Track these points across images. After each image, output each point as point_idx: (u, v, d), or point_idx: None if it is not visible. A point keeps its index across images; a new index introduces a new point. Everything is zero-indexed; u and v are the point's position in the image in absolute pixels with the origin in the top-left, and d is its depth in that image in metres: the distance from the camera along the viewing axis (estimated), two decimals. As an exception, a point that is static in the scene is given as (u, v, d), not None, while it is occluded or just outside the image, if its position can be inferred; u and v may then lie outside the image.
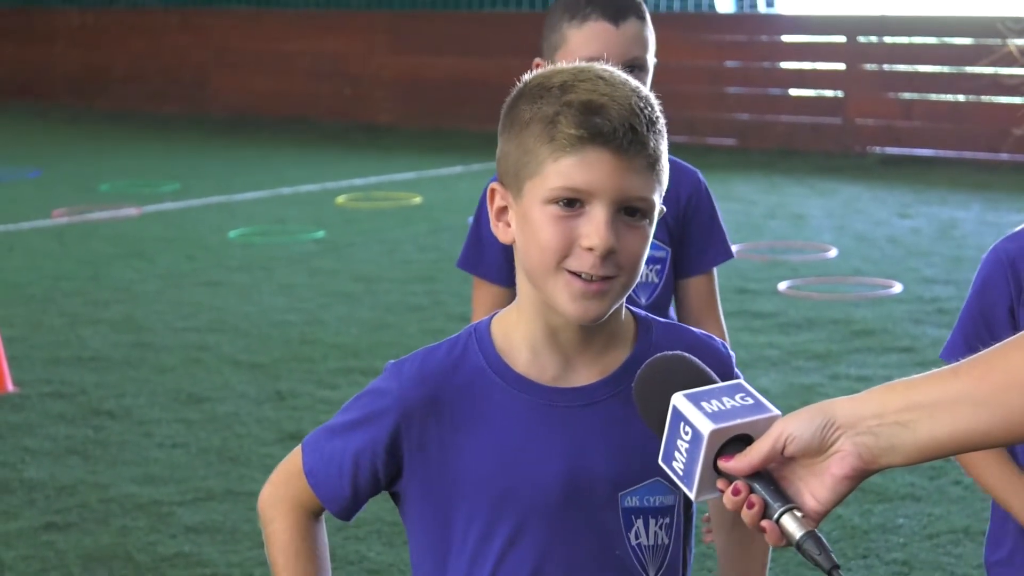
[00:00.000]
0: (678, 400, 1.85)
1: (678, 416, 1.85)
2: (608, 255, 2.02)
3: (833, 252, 10.35)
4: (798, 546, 1.79)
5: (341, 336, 8.13)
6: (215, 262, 10.28)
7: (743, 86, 16.08)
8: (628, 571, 2.13)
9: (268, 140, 17.42)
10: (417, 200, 12.90)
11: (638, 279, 2.10)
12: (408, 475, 2.16)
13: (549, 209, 2.04)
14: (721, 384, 1.89)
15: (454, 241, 10.92)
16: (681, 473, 1.86)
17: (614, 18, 3.30)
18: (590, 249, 2.02)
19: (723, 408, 1.84)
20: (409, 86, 18.28)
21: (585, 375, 2.13)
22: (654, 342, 2.15)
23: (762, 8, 17.11)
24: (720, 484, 1.84)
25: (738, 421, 1.83)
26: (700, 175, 3.48)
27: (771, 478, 1.82)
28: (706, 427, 1.82)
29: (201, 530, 5.38)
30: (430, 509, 2.17)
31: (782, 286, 9.19)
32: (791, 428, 1.81)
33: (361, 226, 11.69)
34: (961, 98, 14.99)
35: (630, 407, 2.08)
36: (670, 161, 3.36)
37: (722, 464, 1.83)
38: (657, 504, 2.13)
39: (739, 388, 1.87)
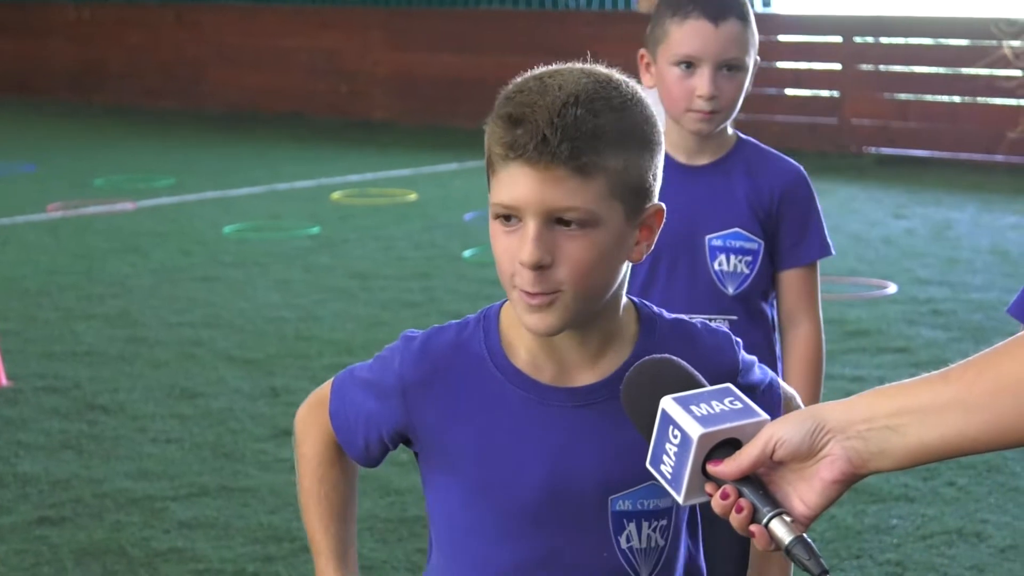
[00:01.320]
0: (667, 404, 1.85)
1: (667, 420, 1.84)
2: (539, 269, 2.00)
3: (828, 252, 10.34)
4: (787, 551, 1.78)
5: (336, 332, 8.13)
6: (210, 257, 10.27)
7: (739, 85, 16.07)
8: (617, 573, 2.12)
9: (264, 136, 17.40)
10: (412, 197, 12.89)
11: (613, 286, 2.07)
12: (415, 447, 2.20)
13: (495, 225, 2.05)
14: (710, 388, 1.88)
15: (449, 238, 10.91)
16: (669, 477, 1.85)
17: (714, 17, 3.36)
18: (523, 263, 2.01)
19: (712, 412, 1.83)
20: (405, 83, 18.27)
21: (583, 375, 2.12)
22: (657, 340, 2.14)
23: (758, 8, 17.11)
24: (708, 488, 1.84)
25: (727, 425, 1.82)
26: (801, 171, 3.52)
27: (760, 482, 1.82)
28: (695, 431, 1.81)
29: (195, 525, 5.38)
30: (427, 487, 2.20)
31: (777, 286, 9.18)
32: (781, 432, 1.80)
33: (356, 222, 11.68)
34: (957, 99, 14.99)
35: None
36: (770, 156, 3.44)
37: (711, 468, 1.82)
38: (651, 507, 2.12)
39: (728, 392, 1.87)
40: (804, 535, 1.78)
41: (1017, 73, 14.16)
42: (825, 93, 15.71)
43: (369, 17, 18.69)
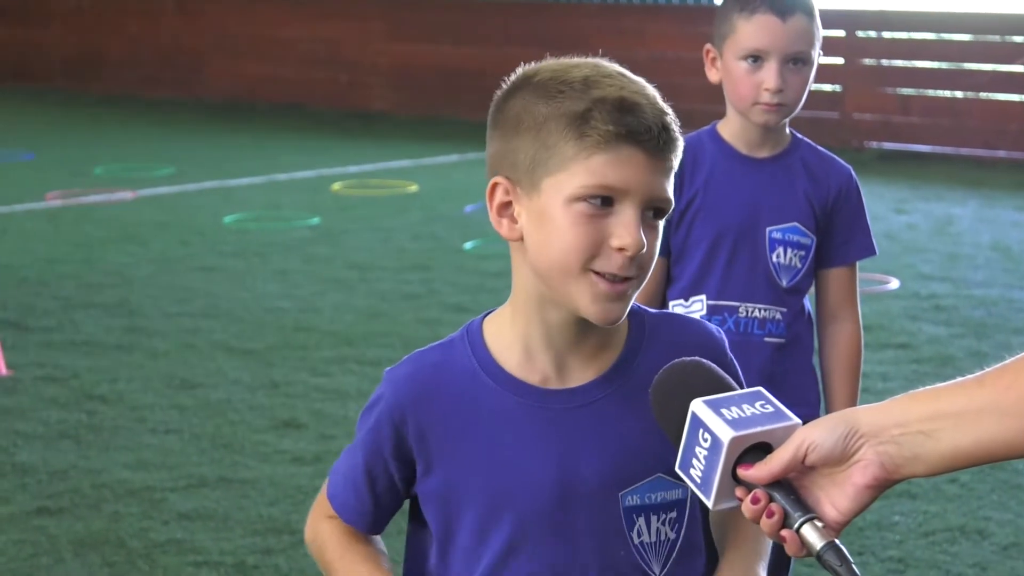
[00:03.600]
0: (697, 407, 1.82)
1: (697, 423, 1.81)
2: (637, 255, 1.98)
3: (829, 247, 10.31)
4: (819, 556, 1.75)
5: (335, 324, 8.10)
6: (209, 247, 10.24)
7: (740, 79, 16.04)
8: (633, 570, 2.09)
9: (263, 126, 17.38)
10: (412, 188, 12.86)
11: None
12: (419, 475, 2.15)
13: (576, 207, 1.99)
14: (740, 391, 1.85)
15: (449, 229, 10.89)
16: (699, 481, 1.82)
17: (782, 13, 3.44)
18: (621, 249, 1.97)
19: (743, 415, 1.80)
20: (405, 74, 18.24)
21: (579, 374, 2.09)
22: (647, 335, 2.13)
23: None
24: (739, 493, 1.81)
25: (758, 429, 1.79)
26: (852, 172, 3.64)
27: (791, 487, 1.79)
28: (726, 434, 1.78)
29: (194, 517, 5.36)
30: (434, 509, 2.15)
31: (778, 280, 9.15)
32: (813, 436, 1.78)
33: (356, 213, 11.66)
34: (959, 94, 14.97)
35: (625, 405, 2.07)
36: (825, 155, 3.54)
37: (742, 472, 1.79)
38: (659, 500, 2.09)
39: (759, 396, 1.84)
40: (836, 541, 1.76)
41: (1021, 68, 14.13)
42: (827, 87, 15.67)
43: (370, 8, 18.65)
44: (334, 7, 18.90)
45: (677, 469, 1.85)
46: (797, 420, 1.81)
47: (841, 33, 15.43)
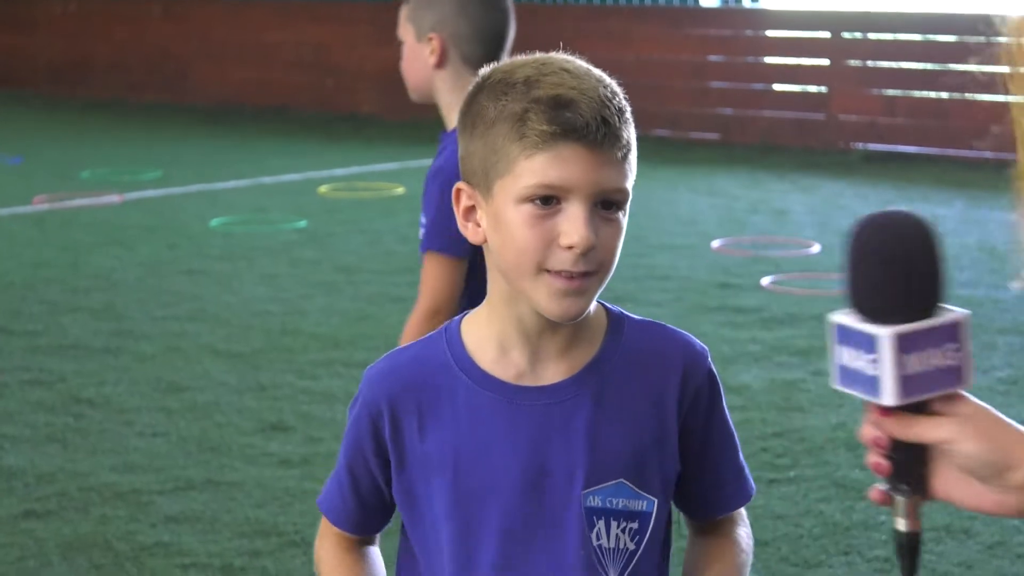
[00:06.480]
0: (887, 337, 1.65)
1: (870, 343, 1.68)
2: (588, 251, 1.99)
3: (816, 248, 10.35)
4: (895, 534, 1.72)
5: (322, 326, 8.11)
6: (196, 251, 10.24)
7: (726, 81, 16.06)
8: (590, 571, 2.10)
9: (250, 129, 17.37)
10: (399, 191, 12.87)
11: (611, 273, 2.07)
12: (392, 471, 2.16)
13: (524, 208, 2.00)
14: (938, 323, 1.66)
15: (436, 232, 10.89)
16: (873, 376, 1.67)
17: None
18: (570, 247, 1.98)
19: (926, 368, 1.64)
20: (391, 77, 18.18)
21: (552, 372, 2.10)
22: (624, 339, 2.13)
23: (747, 3, 17.12)
24: (868, 431, 1.69)
25: (927, 396, 1.65)
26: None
27: (920, 452, 1.68)
28: (891, 398, 1.64)
29: (181, 519, 5.36)
30: (406, 504, 2.17)
31: (765, 281, 9.19)
32: (965, 447, 1.66)
33: (343, 216, 11.66)
34: (944, 95, 15.00)
35: (595, 406, 2.09)
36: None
37: (881, 417, 1.68)
38: (621, 507, 2.10)
39: (952, 340, 1.65)
40: (917, 533, 1.70)
41: (1006, 69, 14.16)
42: (813, 89, 15.71)
43: (356, 12, 18.66)
44: (321, 11, 18.91)
45: (835, 384, 1.75)
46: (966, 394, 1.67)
47: (826, 34, 15.47)
